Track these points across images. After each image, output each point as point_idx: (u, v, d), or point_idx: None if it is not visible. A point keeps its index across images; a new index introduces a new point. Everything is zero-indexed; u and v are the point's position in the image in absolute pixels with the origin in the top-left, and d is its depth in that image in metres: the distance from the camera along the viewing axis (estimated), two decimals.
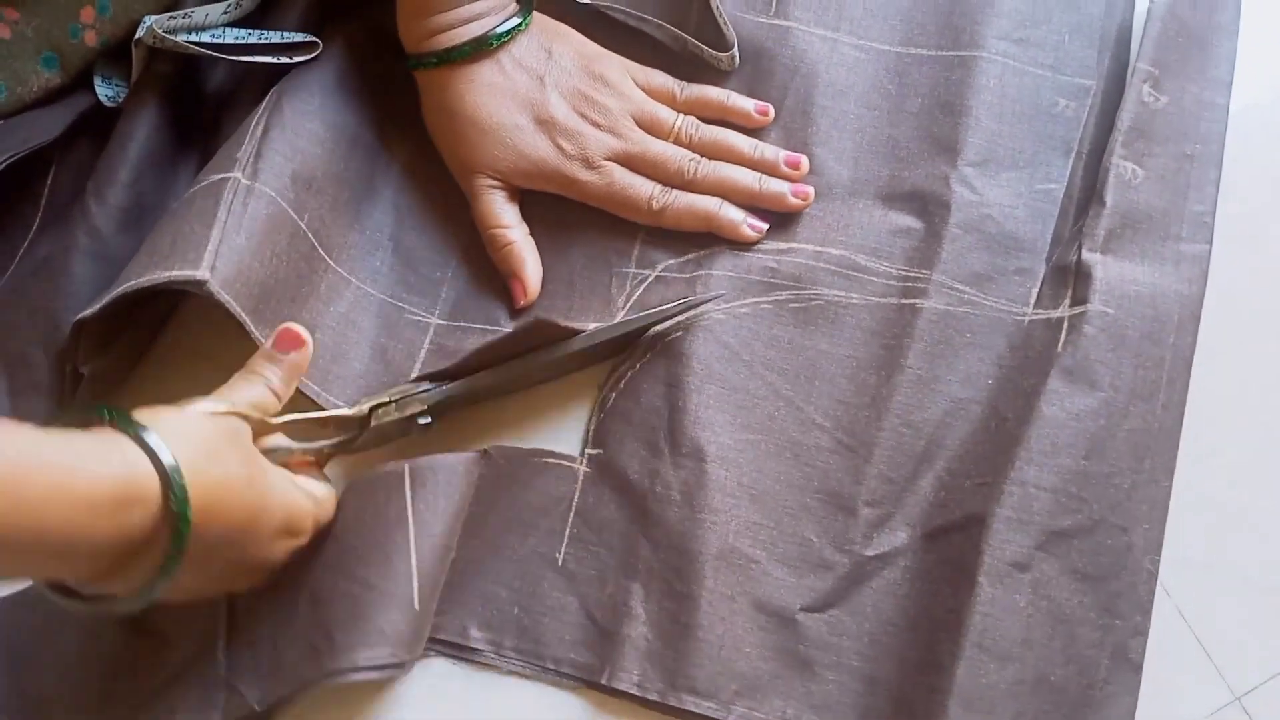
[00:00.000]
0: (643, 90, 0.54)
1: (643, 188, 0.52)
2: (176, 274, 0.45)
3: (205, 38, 0.51)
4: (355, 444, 0.48)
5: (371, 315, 0.52)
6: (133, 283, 0.45)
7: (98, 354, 0.48)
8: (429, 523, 0.46)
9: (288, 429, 0.45)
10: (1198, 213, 0.51)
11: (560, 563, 0.48)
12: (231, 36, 0.52)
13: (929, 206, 0.52)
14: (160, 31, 0.50)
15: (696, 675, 0.45)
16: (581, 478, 0.49)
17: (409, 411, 0.48)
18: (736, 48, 0.55)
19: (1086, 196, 0.52)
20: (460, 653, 0.47)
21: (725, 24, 0.54)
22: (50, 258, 0.51)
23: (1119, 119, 0.52)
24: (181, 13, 0.51)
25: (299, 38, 0.53)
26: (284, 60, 0.52)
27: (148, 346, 0.53)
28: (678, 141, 0.54)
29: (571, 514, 0.49)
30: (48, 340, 0.49)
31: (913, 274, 0.51)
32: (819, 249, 0.52)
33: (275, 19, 0.55)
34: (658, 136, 0.53)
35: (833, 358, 0.50)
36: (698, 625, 0.46)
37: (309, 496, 0.45)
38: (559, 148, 0.52)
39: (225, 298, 0.46)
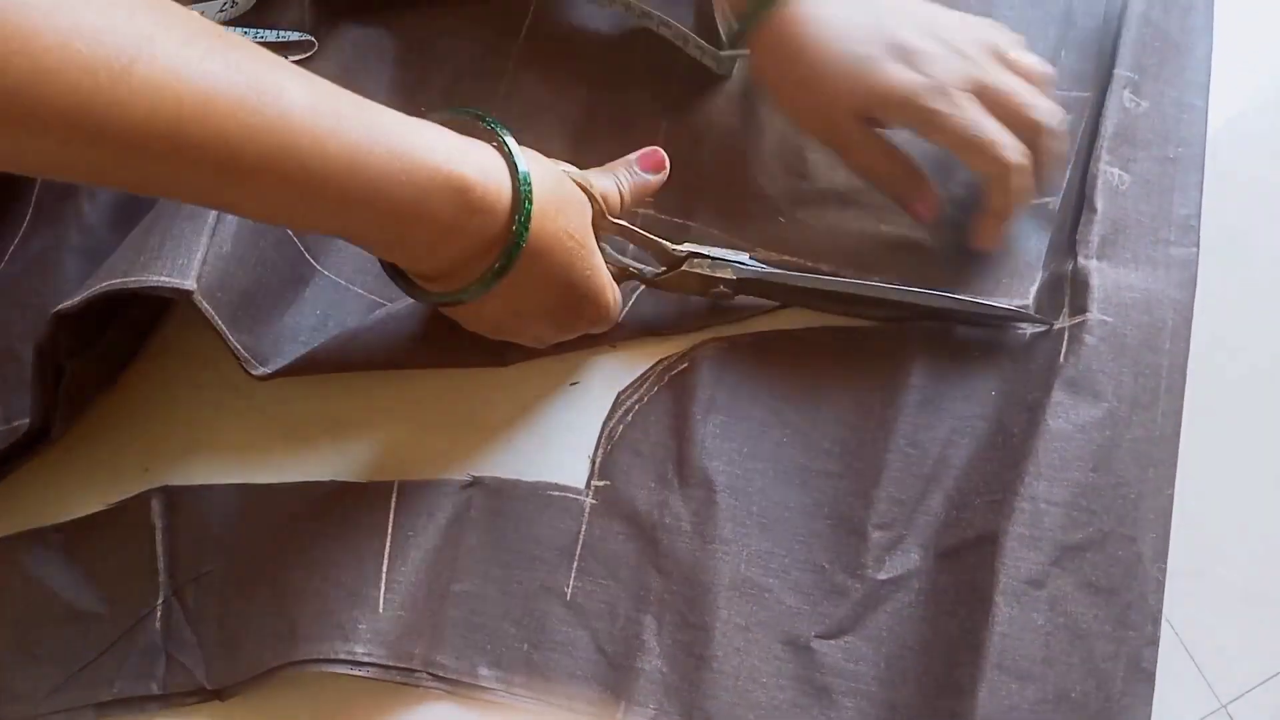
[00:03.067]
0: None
1: (996, 134, 0.47)
2: (165, 280, 0.44)
3: None
4: (657, 278, 0.50)
5: (357, 316, 0.51)
6: (119, 281, 0.44)
7: (79, 350, 0.47)
8: (408, 537, 0.47)
9: (617, 232, 0.48)
10: (1183, 216, 0.51)
11: (569, 597, 0.47)
12: None
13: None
14: None
15: (713, 707, 0.45)
16: (588, 510, 0.49)
17: (718, 273, 0.49)
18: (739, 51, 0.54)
19: (1078, 205, 0.52)
20: (470, 692, 0.46)
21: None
22: (42, 254, 0.51)
23: (1102, 125, 0.52)
24: None
25: (294, 36, 0.53)
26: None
27: (136, 346, 0.52)
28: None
29: (579, 547, 0.48)
30: (39, 337, 0.48)
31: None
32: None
33: (271, 18, 0.55)
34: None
35: (837, 379, 0.50)
36: (713, 656, 0.45)
37: (614, 295, 0.48)
38: (916, 73, 0.47)
39: (207, 308, 0.46)
